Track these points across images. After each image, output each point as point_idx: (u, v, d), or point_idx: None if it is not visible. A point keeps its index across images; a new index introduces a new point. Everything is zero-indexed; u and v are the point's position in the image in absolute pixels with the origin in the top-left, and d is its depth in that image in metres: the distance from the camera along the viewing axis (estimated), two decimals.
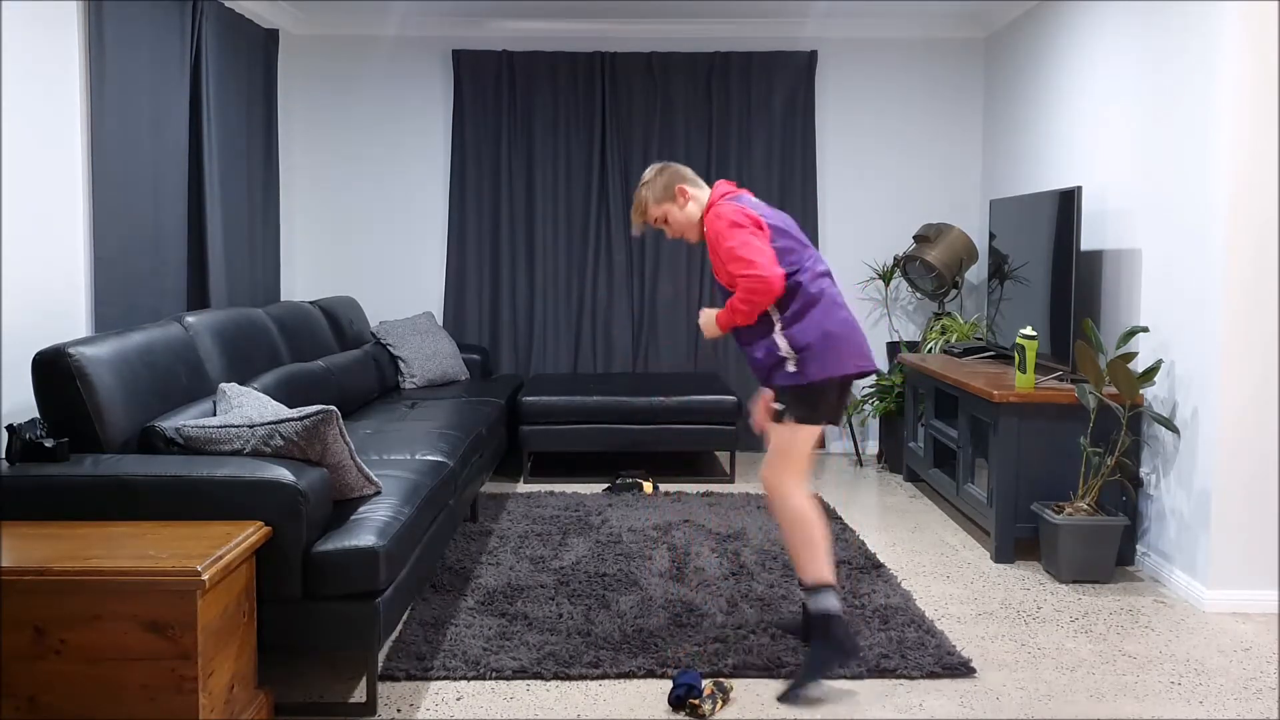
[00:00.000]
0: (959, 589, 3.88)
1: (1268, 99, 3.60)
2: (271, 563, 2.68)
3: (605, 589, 3.72)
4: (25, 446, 2.77)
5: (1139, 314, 4.21)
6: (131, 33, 4.06)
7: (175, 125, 4.43)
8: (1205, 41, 3.75)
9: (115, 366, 3.00)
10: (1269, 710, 2.90)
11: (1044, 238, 4.58)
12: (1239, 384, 3.65)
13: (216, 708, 2.38)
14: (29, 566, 2.28)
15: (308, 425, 2.83)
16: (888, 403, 5.84)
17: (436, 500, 3.48)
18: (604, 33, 6.23)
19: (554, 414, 5.42)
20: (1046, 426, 4.16)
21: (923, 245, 5.92)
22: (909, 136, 6.35)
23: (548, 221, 6.26)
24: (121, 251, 3.98)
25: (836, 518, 4.74)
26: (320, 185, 6.30)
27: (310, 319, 4.96)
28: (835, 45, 6.31)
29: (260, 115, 5.47)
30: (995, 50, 6.09)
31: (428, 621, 3.41)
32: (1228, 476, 3.67)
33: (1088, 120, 4.73)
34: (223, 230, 4.88)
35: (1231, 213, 3.62)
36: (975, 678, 3.08)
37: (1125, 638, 3.41)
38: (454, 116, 6.19)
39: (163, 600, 2.27)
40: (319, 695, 2.92)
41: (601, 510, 4.82)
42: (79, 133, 3.75)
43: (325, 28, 6.15)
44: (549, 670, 3.05)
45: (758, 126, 6.24)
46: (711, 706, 2.80)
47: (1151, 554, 4.09)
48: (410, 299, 6.38)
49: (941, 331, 5.78)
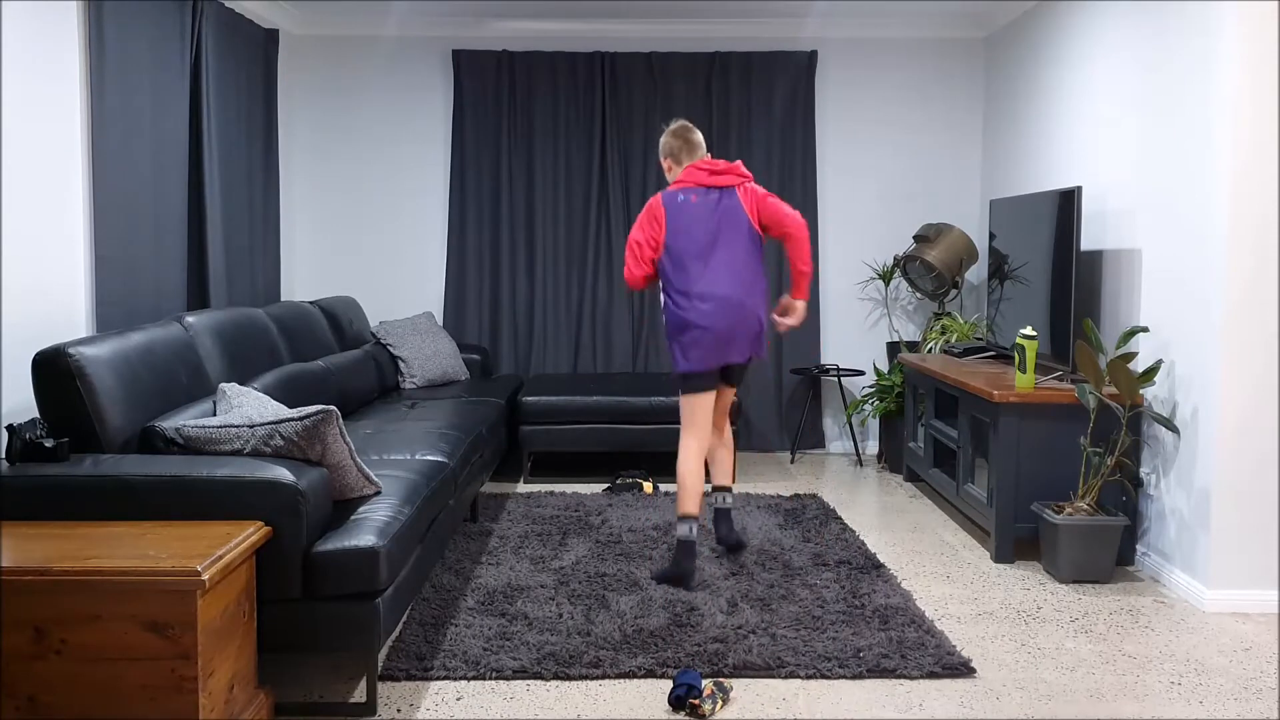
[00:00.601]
0: (959, 589, 3.88)
1: (1268, 99, 3.60)
2: (271, 563, 2.68)
3: (605, 589, 3.72)
4: (25, 446, 2.77)
5: (1139, 314, 4.21)
6: (131, 33, 4.06)
7: (175, 125, 4.43)
8: (1205, 41, 3.75)
9: (115, 366, 3.01)
10: (1269, 710, 2.90)
11: (1044, 238, 4.58)
12: (1239, 384, 3.66)
13: (216, 708, 2.38)
14: (29, 566, 2.28)
15: (308, 425, 2.83)
16: (888, 403, 5.84)
17: (436, 500, 3.48)
18: (604, 33, 6.23)
19: (554, 414, 5.42)
20: (1046, 426, 4.16)
21: (923, 245, 5.92)
22: (909, 137, 6.35)
23: (548, 221, 6.26)
24: (122, 251, 3.98)
25: (837, 518, 4.74)
26: (320, 185, 6.30)
27: (310, 319, 4.96)
28: (835, 45, 6.31)
29: (260, 115, 5.47)
30: (995, 50, 6.09)
31: (428, 621, 3.41)
32: (1228, 476, 3.67)
33: (1088, 120, 4.74)
34: (223, 230, 4.88)
35: (1231, 213, 3.62)
36: (975, 678, 3.08)
37: (1125, 638, 3.41)
38: (454, 116, 6.19)
39: (163, 600, 2.27)
40: (319, 695, 2.92)
41: (601, 510, 4.82)
42: (79, 132, 3.75)
43: (325, 28, 6.15)
44: (549, 670, 3.05)
45: (758, 126, 6.24)
46: (711, 706, 2.81)
47: (1151, 554, 4.09)
48: (410, 299, 6.38)
49: (941, 331, 5.78)
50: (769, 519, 4.70)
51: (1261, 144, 3.60)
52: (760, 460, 6.17)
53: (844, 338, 6.43)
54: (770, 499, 5.09)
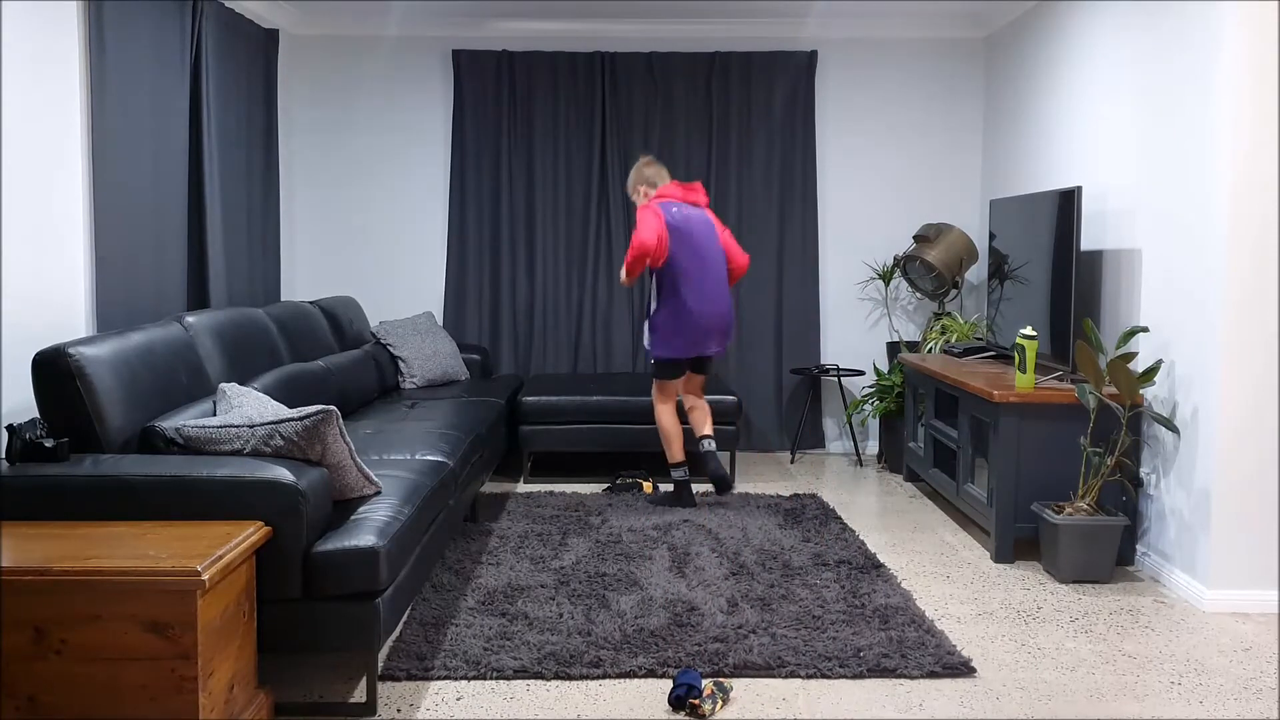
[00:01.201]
0: (959, 589, 3.88)
1: (1268, 99, 3.60)
2: (271, 563, 2.68)
3: (605, 589, 3.72)
4: (25, 446, 2.77)
5: (1139, 314, 4.21)
6: (131, 33, 4.06)
7: (175, 125, 4.43)
8: (1205, 41, 3.75)
9: (115, 366, 3.01)
10: (1269, 710, 2.90)
11: (1044, 238, 4.58)
12: (1239, 384, 3.66)
13: (216, 708, 2.38)
14: (29, 566, 2.28)
15: (308, 425, 2.83)
16: (888, 403, 5.84)
17: (436, 500, 3.49)
18: (604, 33, 6.23)
19: (554, 414, 5.42)
20: (1046, 426, 4.16)
21: (923, 245, 5.92)
22: (909, 136, 6.35)
23: (548, 221, 6.26)
24: (122, 251, 3.98)
25: (837, 518, 4.74)
26: (320, 185, 6.30)
27: (310, 319, 4.96)
28: (835, 45, 6.31)
29: (260, 115, 5.47)
30: (995, 50, 6.10)
31: (428, 621, 3.41)
32: (1228, 476, 3.67)
33: (1088, 120, 4.74)
34: (223, 230, 4.88)
35: (1231, 213, 3.62)
36: (975, 678, 3.08)
37: (1125, 638, 3.41)
38: (454, 116, 6.19)
39: (163, 600, 2.27)
40: (319, 695, 2.92)
41: (601, 510, 4.82)
42: (79, 133, 3.75)
43: (325, 28, 6.15)
44: (549, 670, 3.05)
45: (758, 126, 6.24)
46: (712, 706, 2.81)
47: (1151, 554, 4.09)
48: (410, 299, 6.38)
49: (941, 331, 5.78)
50: (769, 519, 4.70)
51: (1261, 144, 3.60)
52: (760, 460, 6.17)
53: (844, 338, 6.43)
54: (770, 499, 5.09)
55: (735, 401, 5.46)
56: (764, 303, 6.32)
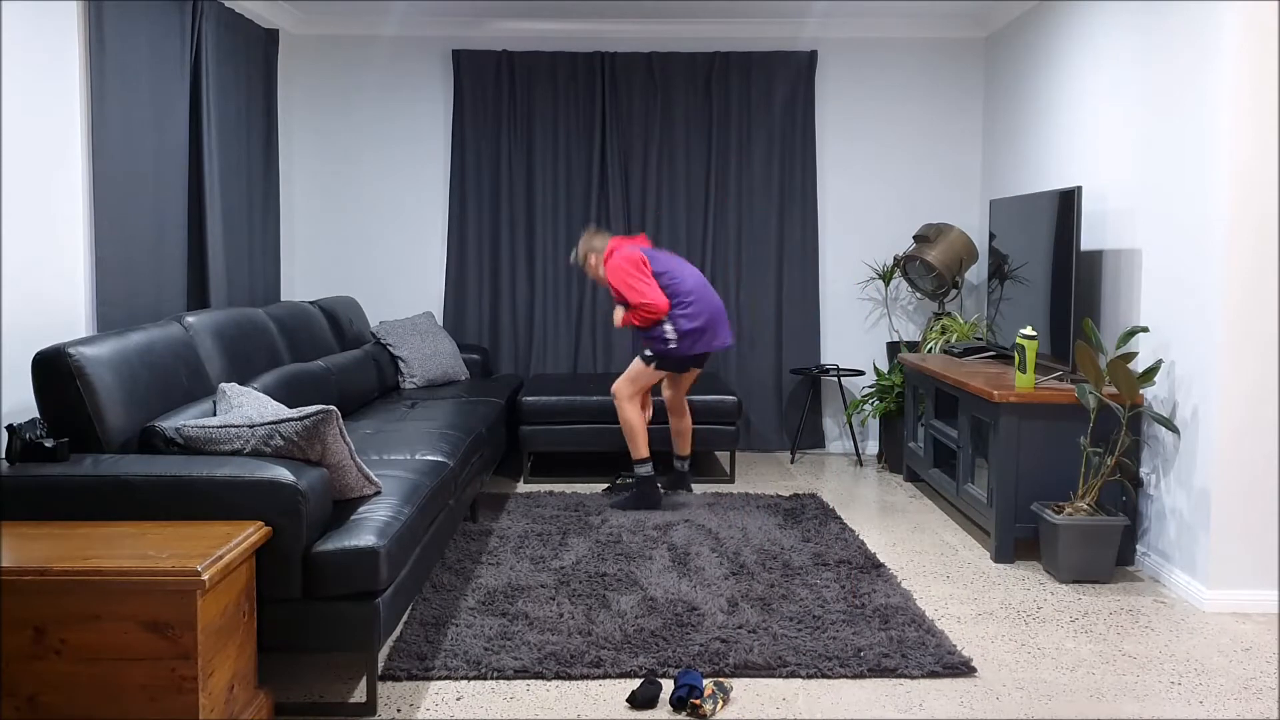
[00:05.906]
0: (959, 589, 3.88)
1: (1268, 99, 3.60)
2: (271, 563, 2.68)
3: (606, 589, 3.72)
4: (25, 446, 2.77)
5: (1139, 314, 4.21)
6: (131, 33, 4.06)
7: (175, 125, 4.43)
8: (1205, 41, 3.75)
9: (115, 366, 3.01)
10: (1269, 710, 2.90)
11: (1044, 238, 4.58)
12: (1239, 384, 3.66)
13: (216, 708, 2.38)
14: (29, 566, 2.28)
15: (308, 425, 2.83)
16: (888, 403, 5.84)
17: (436, 500, 3.48)
18: (604, 33, 6.23)
19: (554, 414, 5.42)
20: (1046, 426, 4.16)
21: (923, 245, 5.92)
22: (909, 136, 6.35)
23: (548, 222, 6.26)
24: (122, 251, 3.98)
25: (836, 518, 4.74)
26: (320, 185, 6.30)
27: (310, 319, 4.96)
28: (835, 45, 6.31)
29: (260, 115, 5.47)
30: (995, 50, 6.10)
31: (428, 621, 3.41)
32: (1227, 476, 3.67)
33: (1088, 120, 4.74)
34: (223, 230, 4.88)
35: (1231, 213, 3.62)
36: (975, 678, 3.08)
37: (1125, 638, 3.41)
38: (454, 116, 6.19)
39: (163, 600, 2.27)
40: (319, 695, 2.92)
41: (601, 510, 4.82)
42: (79, 133, 3.75)
43: (325, 28, 6.15)
44: (550, 670, 3.05)
45: (758, 126, 6.24)
46: (712, 706, 2.81)
47: (1151, 554, 4.09)
48: (410, 299, 6.38)
49: (941, 331, 5.78)
50: (769, 519, 4.70)
51: (1261, 144, 3.60)
52: (760, 460, 6.17)
53: (844, 338, 6.43)
54: (770, 499, 5.09)
55: (735, 401, 5.46)
56: (764, 303, 6.32)
